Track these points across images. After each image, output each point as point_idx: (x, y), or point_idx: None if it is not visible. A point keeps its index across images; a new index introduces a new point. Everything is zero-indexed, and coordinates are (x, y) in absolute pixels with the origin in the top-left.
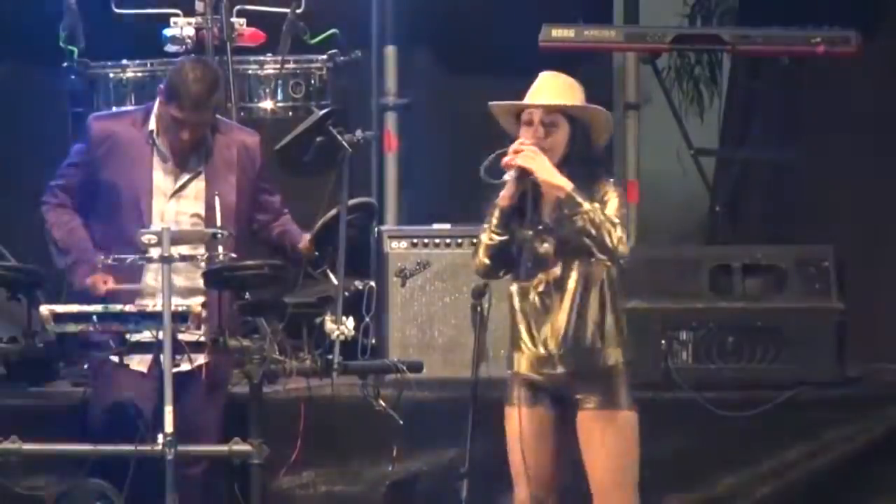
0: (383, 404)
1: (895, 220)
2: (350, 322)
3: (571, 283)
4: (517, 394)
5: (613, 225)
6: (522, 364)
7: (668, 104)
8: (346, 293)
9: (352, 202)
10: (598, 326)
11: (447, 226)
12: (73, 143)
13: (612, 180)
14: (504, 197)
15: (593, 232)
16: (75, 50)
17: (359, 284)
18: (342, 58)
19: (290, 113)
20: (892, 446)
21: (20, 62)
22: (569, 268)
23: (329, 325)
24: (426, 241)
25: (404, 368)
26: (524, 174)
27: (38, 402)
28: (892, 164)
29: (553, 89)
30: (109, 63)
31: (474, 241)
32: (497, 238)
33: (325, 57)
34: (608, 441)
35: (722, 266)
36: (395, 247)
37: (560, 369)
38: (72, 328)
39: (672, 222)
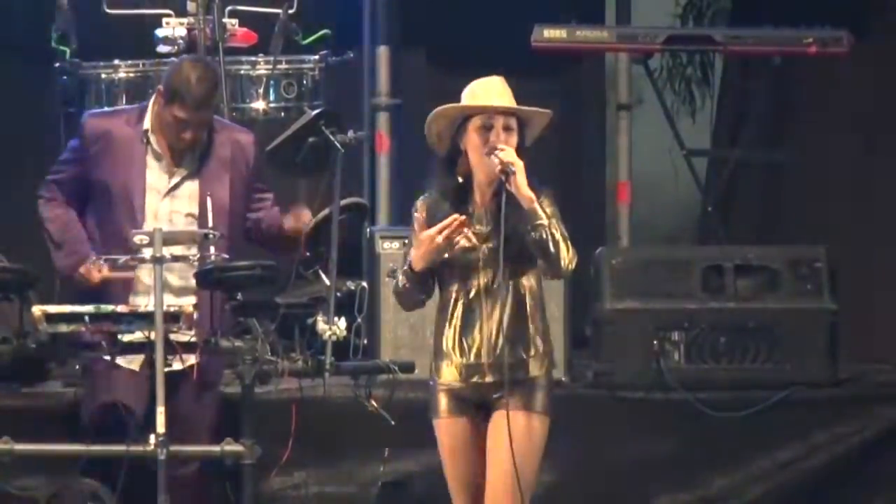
0: (375, 405)
1: (886, 220)
2: (342, 322)
3: (502, 291)
4: (444, 406)
5: (566, 242)
6: (449, 374)
7: (660, 105)
8: (338, 293)
9: (343, 202)
10: (527, 336)
11: None
12: (64, 144)
13: (545, 189)
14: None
15: (551, 249)
16: (67, 50)
17: (351, 285)
18: (334, 58)
19: (282, 113)
20: (884, 446)
21: (12, 62)
22: (500, 276)
23: (321, 325)
24: None
25: (396, 369)
26: (508, 174)
27: (30, 403)
28: (883, 164)
29: (505, 92)
30: (101, 63)
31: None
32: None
33: (317, 57)
34: (516, 440)
35: (714, 266)
36: (387, 247)
37: (488, 378)
38: (63, 328)
39: (664, 223)
